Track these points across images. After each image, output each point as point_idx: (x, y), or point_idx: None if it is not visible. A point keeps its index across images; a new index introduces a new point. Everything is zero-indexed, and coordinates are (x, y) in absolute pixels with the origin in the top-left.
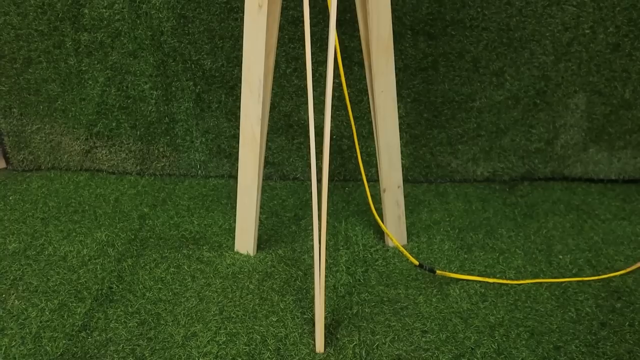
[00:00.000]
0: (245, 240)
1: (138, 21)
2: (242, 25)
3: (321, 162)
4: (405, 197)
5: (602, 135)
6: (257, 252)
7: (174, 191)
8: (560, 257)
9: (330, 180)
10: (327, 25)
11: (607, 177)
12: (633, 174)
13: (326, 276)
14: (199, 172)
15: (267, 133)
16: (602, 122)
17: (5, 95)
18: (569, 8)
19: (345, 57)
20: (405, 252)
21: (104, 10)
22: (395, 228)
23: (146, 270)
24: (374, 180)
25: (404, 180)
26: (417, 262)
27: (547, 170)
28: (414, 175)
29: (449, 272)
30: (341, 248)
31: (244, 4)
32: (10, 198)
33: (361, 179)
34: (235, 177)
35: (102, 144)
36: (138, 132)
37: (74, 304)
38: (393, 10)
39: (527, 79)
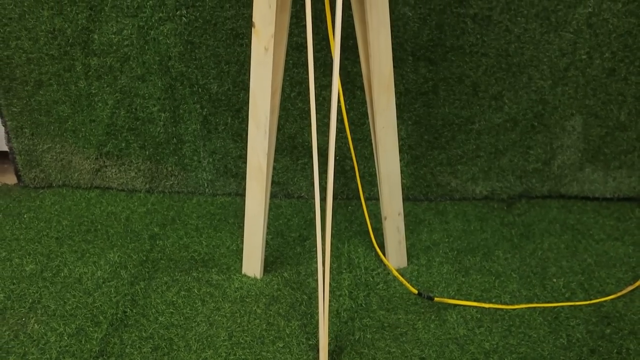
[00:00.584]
0: (252, 264)
1: (146, 47)
2: (248, 50)
3: (325, 182)
4: (406, 215)
5: (598, 155)
6: (263, 274)
7: (182, 209)
8: (554, 280)
9: (334, 198)
10: (329, 51)
11: (602, 196)
12: (627, 192)
13: (330, 301)
14: (207, 190)
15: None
16: (598, 143)
17: (17, 116)
18: (566, 35)
19: (348, 82)
20: (405, 282)
21: (113, 36)
22: (395, 252)
23: (158, 294)
24: (376, 198)
25: (404, 200)
26: (415, 291)
27: (544, 189)
28: (415, 194)
29: (447, 296)
30: (344, 271)
31: (249, 31)
32: (25, 216)
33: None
34: (242, 195)
35: (111, 163)
36: (147, 152)
37: (91, 329)
38: (395, 37)
39: (525, 102)
